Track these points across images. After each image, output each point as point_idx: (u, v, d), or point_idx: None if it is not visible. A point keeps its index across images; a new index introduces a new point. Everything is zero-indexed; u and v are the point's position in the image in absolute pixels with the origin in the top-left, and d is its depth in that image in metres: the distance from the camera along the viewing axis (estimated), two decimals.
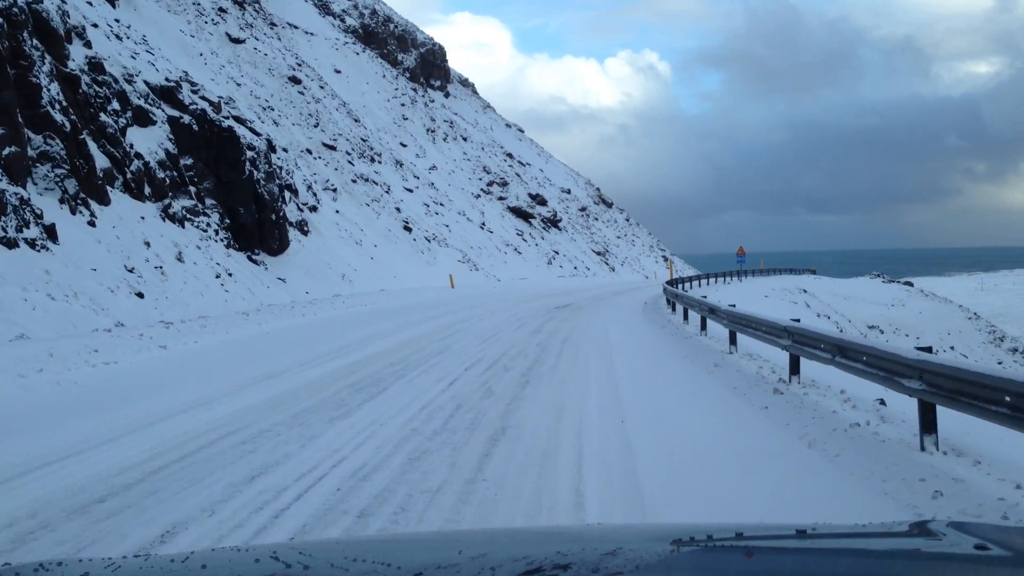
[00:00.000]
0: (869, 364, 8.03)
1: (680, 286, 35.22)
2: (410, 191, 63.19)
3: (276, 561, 1.87)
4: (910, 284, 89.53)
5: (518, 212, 77.68)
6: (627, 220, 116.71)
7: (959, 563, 1.77)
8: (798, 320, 10.88)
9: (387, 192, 57.88)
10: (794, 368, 10.44)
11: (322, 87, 66.05)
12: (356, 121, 66.05)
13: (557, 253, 76.04)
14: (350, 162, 55.75)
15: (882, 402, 8.78)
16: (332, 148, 55.20)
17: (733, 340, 14.11)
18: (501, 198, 78.24)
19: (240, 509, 5.53)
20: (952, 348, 57.28)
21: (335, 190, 50.95)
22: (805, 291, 62.08)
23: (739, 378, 11.08)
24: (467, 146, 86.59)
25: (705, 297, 17.69)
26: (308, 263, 39.40)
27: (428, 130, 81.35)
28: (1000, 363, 52.72)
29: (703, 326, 17.29)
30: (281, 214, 39.23)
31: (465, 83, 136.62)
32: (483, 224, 68.73)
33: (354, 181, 53.63)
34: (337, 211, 48.98)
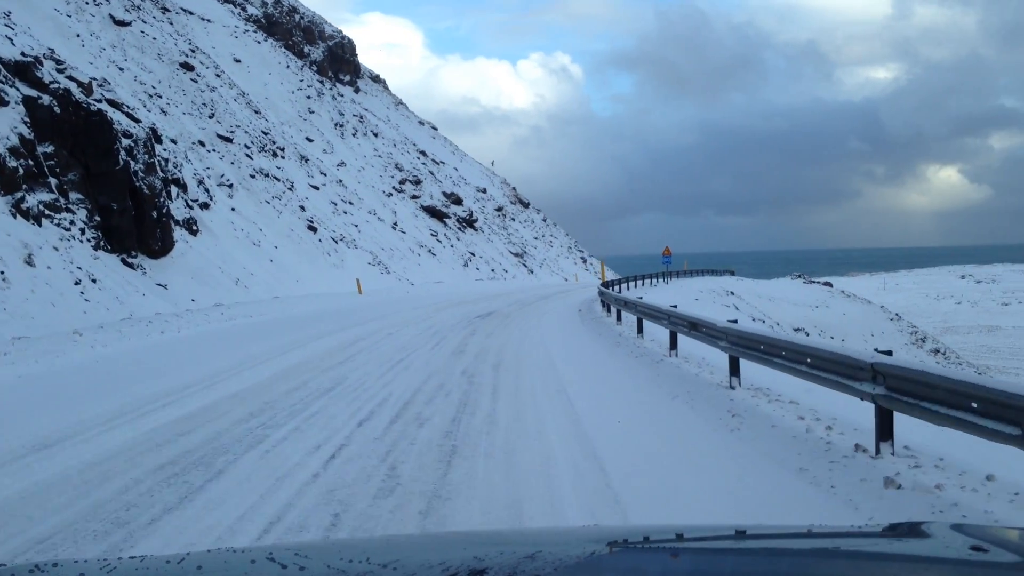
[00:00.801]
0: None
1: (614, 289, 32.47)
2: (316, 188, 58.79)
3: (272, 562, 1.87)
4: (830, 285, 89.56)
5: (432, 212, 73.96)
6: (544, 221, 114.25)
7: (955, 565, 1.74)
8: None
9: (290, 189, 53.41)
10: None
11: (219, 75, 60.95)
12: (257, 113, 61.22)
13: (473, 255, 72.67)
14: (249, 156, 51.10)
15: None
16: (228, 140, 50.44)
17: (736, 370, 10.32)
18: (414, 197, 74.37)
19: None
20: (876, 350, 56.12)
21: (231, 186, 46.31)
22: (732, 293, 60.48)
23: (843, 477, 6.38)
24: (378, 142, 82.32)
25: (675, 307, 14.47)
26: (196, 266, 34.92)
27: (336, 125, 76.78)
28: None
29: (672, 344, 13.98)
30: (165, 211, 34.62)
31: (377, 79, 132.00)
32: (395, 224, 64.78)
33: (253, 176, 49.03)
34: (233, 209, 44.41)
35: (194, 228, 38.18)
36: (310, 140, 69.08)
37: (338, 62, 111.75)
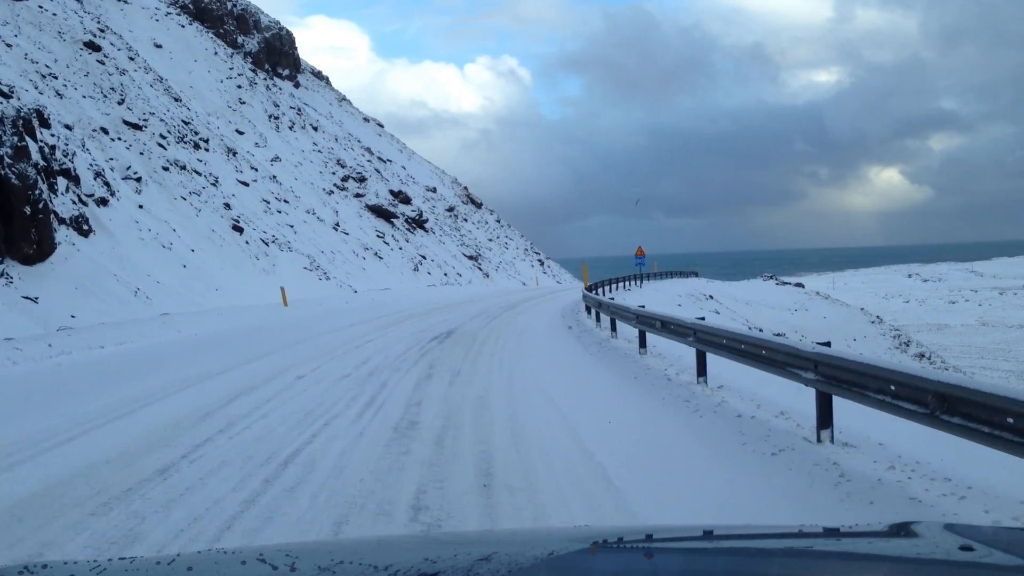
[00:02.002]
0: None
1: (598, 292, 26.91)
2: (245, 184, 52.08)
3: (263, 563, 1.85)
4: (801, 285, 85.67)
5: (378, 211, 67.58)
6: (498, 222, 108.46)
7: (945, 564, 1.74)
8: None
9: (214, 184, 46.69)
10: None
11: (132, 59, 53.82)
12: (177, 100, 54.24)
13: (424, 258, 66.50)
14: (162, 146, 44.24)
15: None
16: (139, 128, 43.53)
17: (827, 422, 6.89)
18: (359, 195, 67.90)
19: None
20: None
21: (139, 179, 39.51)
22: (711, 297, 55.63)
23: None
24: (318, 136, 75.64)
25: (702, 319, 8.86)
26: (83, 274, 28.26)
27: (271, 116, 69.91)
28: None
29: (701, 370, 9.86)
30: (42, 206, 27.93)
31: (319, 76, 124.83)
32: (337, 224, 58.32)
33: (166, 169, 42.22)
34: (140, 206, 37.66)
35: (85, 228, 31.43)
36: (240, 132, 62.25)
37: (276, 55, 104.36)
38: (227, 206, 44.79)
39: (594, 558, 1.93)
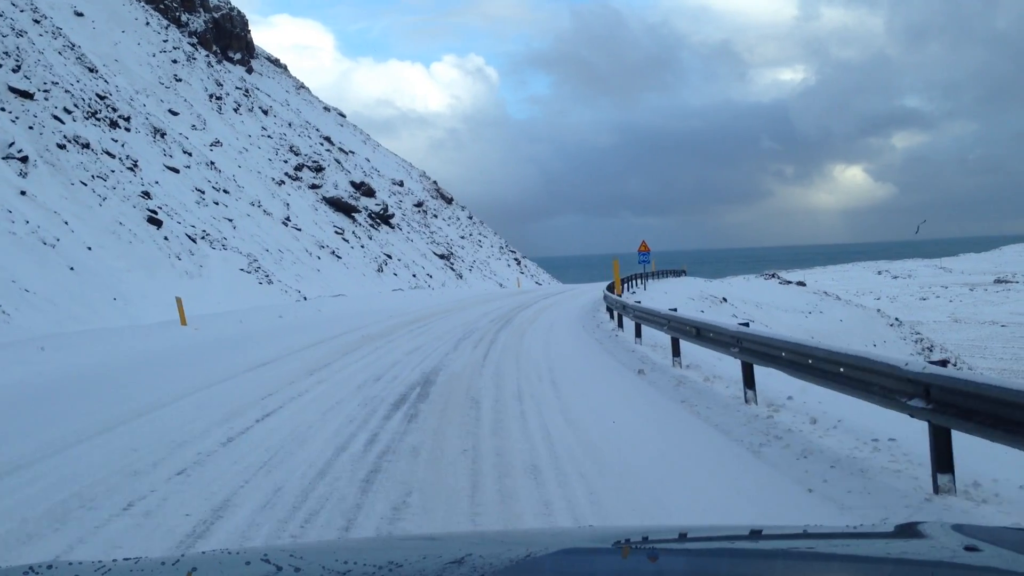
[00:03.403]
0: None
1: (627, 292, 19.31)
2: (175, 171, 43.60)
3: (267, 563, 1.82)
4: (803, 284, 79.26)
5: (337, 204, 59.28)
6: (471, 218, 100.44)
7: (950, 565, 1.73)
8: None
9: (131, 169, 38.23)
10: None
11: (37, 21, 45.06)
12: (92, 71, 45.54)
13: (390, 257, 58.38)
14: (59, 119, 35.68)
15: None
16: (28, 97, 34.94)
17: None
18: (315, 186, 59.54)
19: None
20: None
21: (24, 159, 31.02)
22: (725, 300, 48.38)
23: None
24: (269, 121, 67.08)
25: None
26: None
27: (213, 97, 61.21)
28: None
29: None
30: None
31: (276, 63, 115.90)
32: (288, 219, 50.00)
33: (62, 147, 33.71)
34: (23, 192, 29.23)
35: None
36: (174, 113, 53.63)
37: (226, 37, 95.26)
38: (145, 195, 36.38)
39: (567, 560, 1.92)
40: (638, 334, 14.63)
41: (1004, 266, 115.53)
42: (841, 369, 6.33)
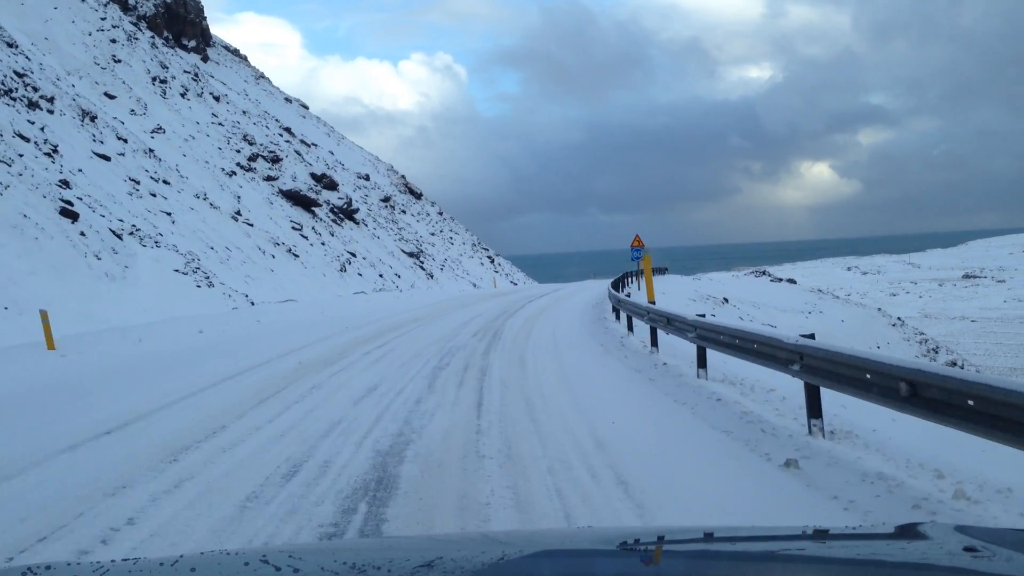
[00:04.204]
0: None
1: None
2: (105, 158, 38.27)
3: (266, 564, 1.80)
4: (793, 282, 75.59)
5: (296, 198, 54.03)
6: (441, 214, 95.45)
7: (951, 566, 1.72)
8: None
9: (50, 155, 32.93)
10: None
11: None
12: (11, 47, 40.00)
13: (354, 255, 53.34)
14: None
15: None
16: None
17: None
18: (270, 178, 54.24)
19: None
20: None
21: None
22: (727, 300, 44.30)
23: None
24: (221, 108, 61.57)
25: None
26: None
27: (156, 80, 55.59)
28: None
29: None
30: None
31: (236, 53, 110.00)
32: (238, 213, 44.75)
33: None
34: None
35: None
36: (111, 96, 48.09)
37: (179, 23, 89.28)
38: (63, 183, 31.09)
39: (568, 561, 1.91)
40: (702, 364, 9.95)
41: (971, 261, 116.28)
42: (970, 402, 4.61)
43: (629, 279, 37.84)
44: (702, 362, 9.93)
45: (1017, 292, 79.25)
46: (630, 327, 16.66)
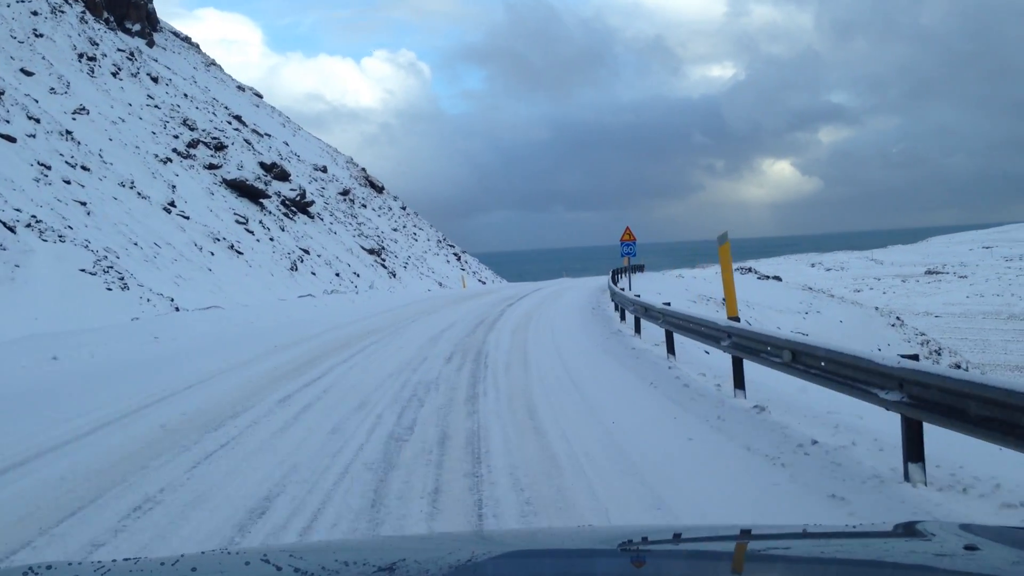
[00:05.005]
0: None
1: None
2: (10, 139, 32.73)
3: (267, 564, 1.79)
4: (779, 279, 72.11)
5: (242, 188, 48.60)
6: (404, 209, 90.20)
7: (949, 564, 1.71)
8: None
9: None
10: None
11: None
12: None
13: (308, 252, 48.12)
14: None
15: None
16: None
17: None
18: (213, 166, 48.72)
19: None
20: None
21: None
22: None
23: None
24: (159, 90, 55.81)
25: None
26: None
27: (83, 56, 49.68)
28: None
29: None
30: None
31: (188, 40, 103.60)
32: (171, 204, 39.32)
33: None
34: None
35: None
36: (28, 73, 42.29)
37: (122, 5, 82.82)
38: None
39: (568, 561, 1.88)
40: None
41: (932, 257, 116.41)
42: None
43: (620, 275, 33.61)
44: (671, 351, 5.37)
45: (979, 288, 79.49)
46: (670, 349, 11.99)
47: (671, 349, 11.94)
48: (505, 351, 12.86)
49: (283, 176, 55.79)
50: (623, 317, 18.78)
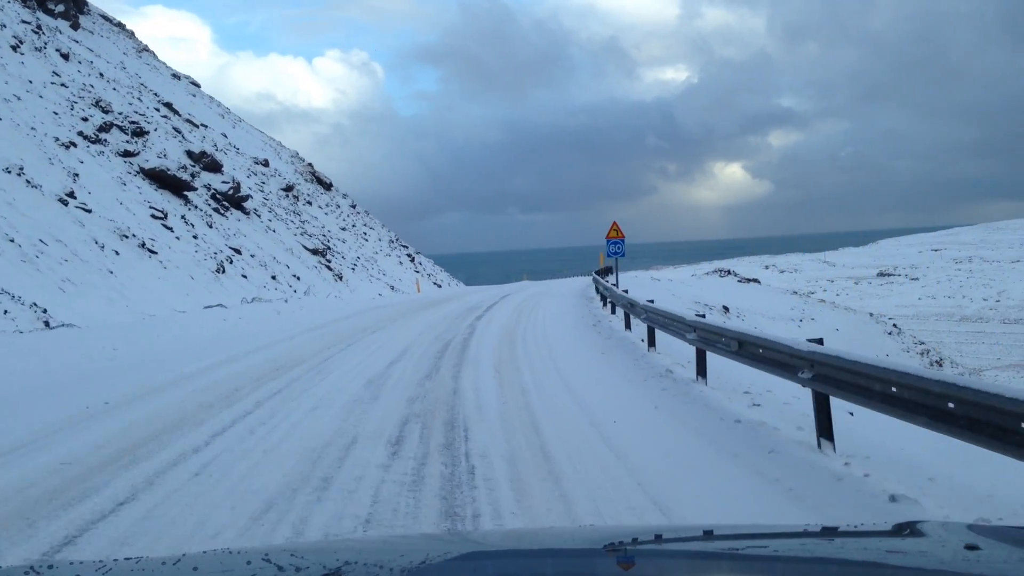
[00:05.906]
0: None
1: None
2: None
3: (268, 563, 1.78)
4: (757, 281, 67.95)
5: (162, 178, 42.22)
6: (353, 207, 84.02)
7: (949, 564, 1.69)
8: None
9: None
10: None
11: None
12: None
13: (238, 252, 41.98)
14: None
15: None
16: None
17: None
18: (128, 153, 42.24)
19: None
20: None
21: None
22: (727, 309, 35.37)
23: None
24: (69, 67, 49.04)
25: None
26: None
27: None
28: None
29: None
30: None
31: (122, 26, 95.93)
32: (70, 194, 32.97)
33: None
34: None
35: None
36: None
37: None
38: None
39: (568, 561, 1.86)
40: None
41: (883, 259, 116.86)
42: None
43: (606, 277, 28.51)
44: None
45: (931, 290, 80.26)
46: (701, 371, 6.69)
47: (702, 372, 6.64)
48: (496, 418, 7.36)
49: (214, 167, 49.45)
50: (652, 343, 13.47)
